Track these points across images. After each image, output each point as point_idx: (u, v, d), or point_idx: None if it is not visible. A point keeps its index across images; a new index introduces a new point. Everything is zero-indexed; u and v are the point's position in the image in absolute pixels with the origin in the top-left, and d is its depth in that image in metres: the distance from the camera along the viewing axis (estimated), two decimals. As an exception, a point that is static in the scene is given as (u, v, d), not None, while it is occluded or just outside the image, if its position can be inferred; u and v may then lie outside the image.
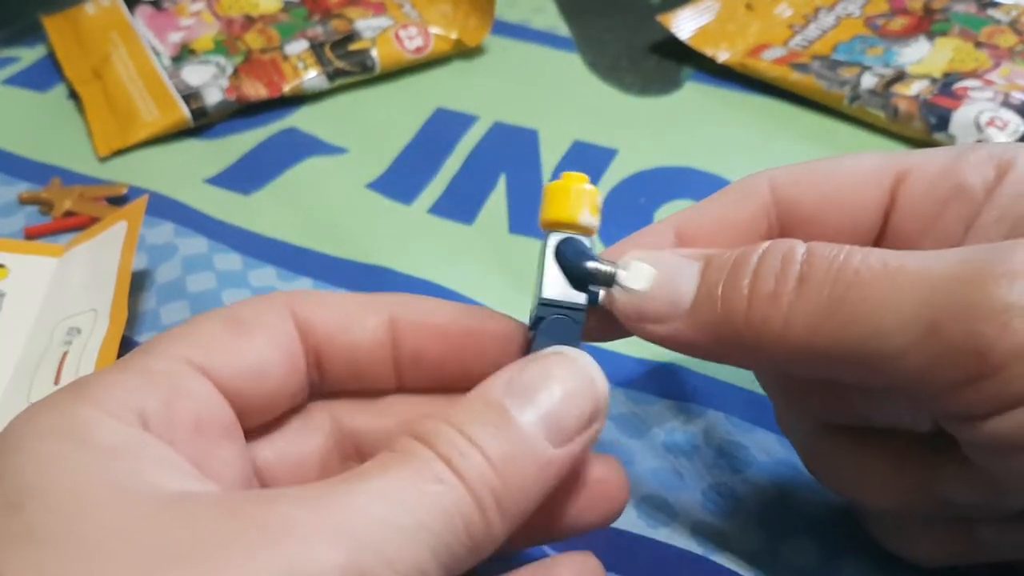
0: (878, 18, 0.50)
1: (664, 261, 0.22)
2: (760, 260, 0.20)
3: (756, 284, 0.20)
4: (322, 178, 0.43)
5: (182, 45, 0.49)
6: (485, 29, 0.50)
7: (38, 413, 0.18)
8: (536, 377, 0.19)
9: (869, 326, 0.19)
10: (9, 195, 0.42)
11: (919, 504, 0.23)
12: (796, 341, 0.20)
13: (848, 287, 0.19)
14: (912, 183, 0.23)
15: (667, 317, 0.21)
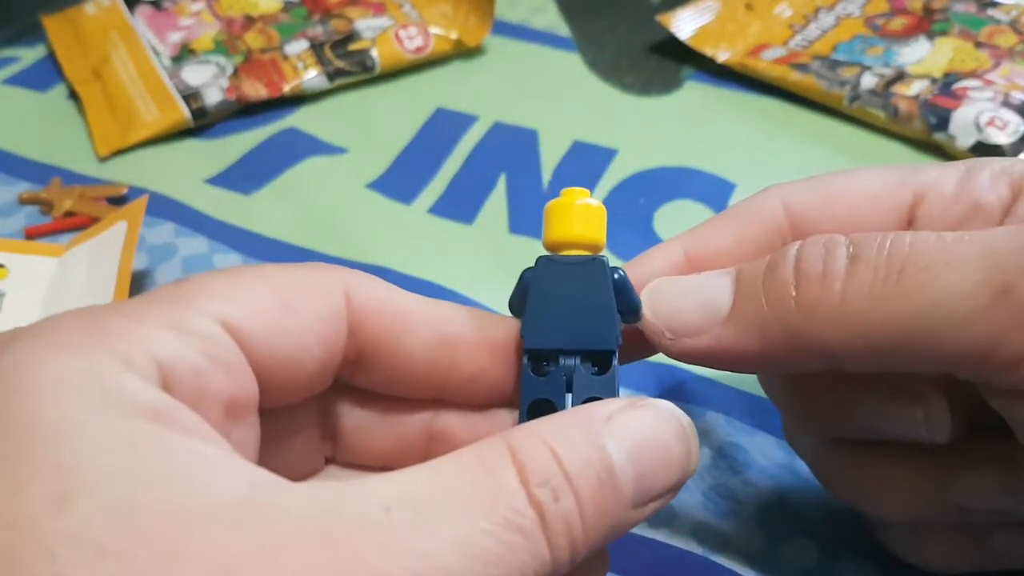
0: (878, 18, 0.50)
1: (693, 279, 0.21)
2: (801, 250, 0.20)
3: (802, 268, 0.20)
4: (322, 178, 0.43)
5: (182, 45, 0.49)
6: (485, 29, 0.50)
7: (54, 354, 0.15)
8: (644, 430, 0.18)
9: (932, 293, 0.18)
10: (9, 195, 0.42)
11: (933, 512, 0.23)
12: (855, 319, 0.19)
13: (905, 259, 0.19)
14: (929, 207, 0.23)
15: (704, 328, 0.21)
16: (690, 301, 0.21)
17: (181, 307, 0.17)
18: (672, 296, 0.21)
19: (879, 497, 0.23)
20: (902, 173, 0.24)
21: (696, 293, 0.21)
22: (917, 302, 0.18)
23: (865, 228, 0.22)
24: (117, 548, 0.13)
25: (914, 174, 0.24)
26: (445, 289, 0.36)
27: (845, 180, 0.24)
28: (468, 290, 0.36)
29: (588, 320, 0.20)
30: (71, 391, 0.14)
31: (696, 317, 0.21)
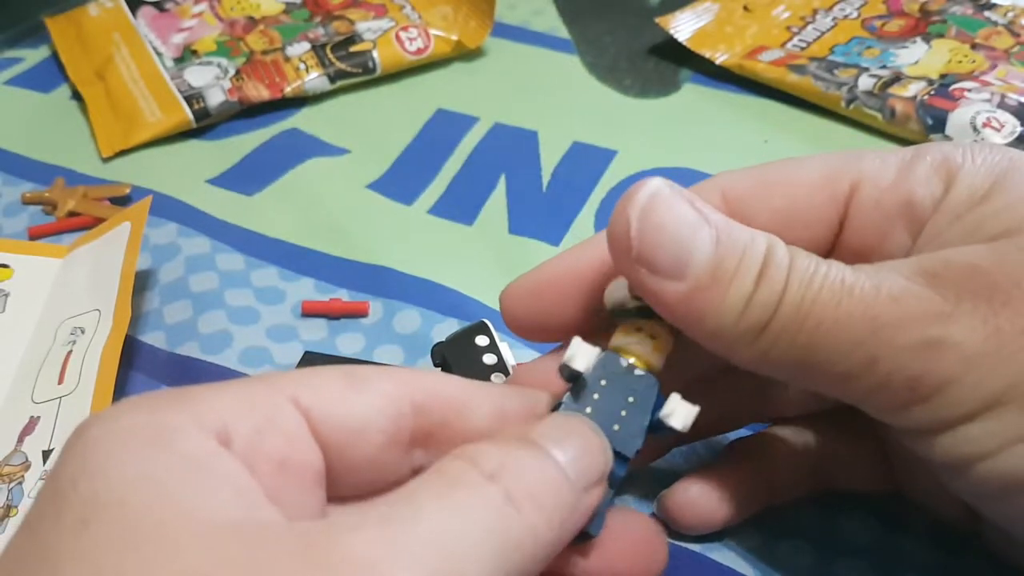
0: (875, 20, 0.50)
1: (686, 215, 0.21)
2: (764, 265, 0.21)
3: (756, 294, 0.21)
4: (323, 179, 0.43)
5: (184, 46, 0.49)
6: (485, 31, 0.50)
7: (129, 411, 0.18)
8: (565, 426, 0.20)
9: (820, 351, 0.20)
10: (13, 195, 0.42)
11: None
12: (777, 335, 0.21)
13: (812, 306, 0.20)
14: (862, 197, 0.24)
15: (668, 275, 0.21)
16: (670, 238, 0.21)
17: (255, 383, 0.20)
18: (660, 221, 0.21)
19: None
20: (844, 161, 0.24)
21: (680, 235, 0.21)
22: (805, 356, 0.21)
23: (800, 220, 0.24)
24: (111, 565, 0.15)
25: (856, 162, 0.24)
26: (446, 289, 0.37)
27: (786, 169, 0.24)
28: (468, 290, 0.37)
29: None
30: (127, 437, 0.17)
31: (666, 259, 0.21)
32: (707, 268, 0.21)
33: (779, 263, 0.21)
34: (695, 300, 0.21)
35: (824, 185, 0.24)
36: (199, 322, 0.35)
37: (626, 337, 0.23)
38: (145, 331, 0.36)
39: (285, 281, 0.38)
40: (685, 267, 0.21)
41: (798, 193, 0.24)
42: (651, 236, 0.21)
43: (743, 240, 0.21)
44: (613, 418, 0.22)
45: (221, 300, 0.36)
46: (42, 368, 0.33)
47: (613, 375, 0.22)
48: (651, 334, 0.23)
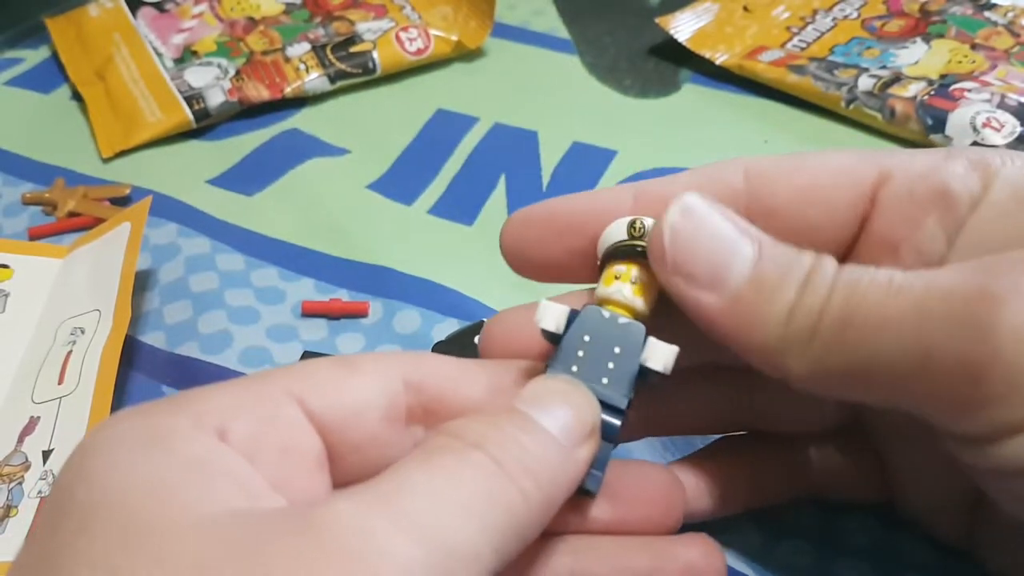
0: (875, 20, 0.50)
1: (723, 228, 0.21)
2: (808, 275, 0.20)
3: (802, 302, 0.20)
4: (324, 179, 0.43)
5: (184, 47, 0.49)
6: (485, 31, 0.50)
7: (126, 419, 0.18)
8: (548, 391, 0.20)
9: (872, 352, 0.19)
10: (13, 196, 0.42)
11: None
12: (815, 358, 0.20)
13: (853, 312, 0.19)
14: (894, 186, 0.23)
15: (707, 286, 0.21)
16: (708, 249, 0.21)
17: (251, 380, 0.20)
18: (696, 232, 0.21)
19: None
20: (872, 153, 0.24)
21: (718, 246, 0.21)
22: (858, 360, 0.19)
23: (822, 201, 0.23)
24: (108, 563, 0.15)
25: (886, 156, 0.23)
26: (446, 289, 0.37)
27: (813, 155, 0.24)
28: (468, 290, 0.37)
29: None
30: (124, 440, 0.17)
31: (705, 269, 0.21)
32: (748, 278, 0.20)
33: (825, 272, 0.20)
34: (737, 311, 0.20)
35: (851, 170, 0.23)
36: (199, 322, 0.35)
37: (606, 288, 0.22)
38: (145, 331, 0.36)
39: (285, 281, 0.38)
40: (724, 277, 0.20)
41: (822, 174, 0.23)
42: (685, 245, 0.21)
43: (788, 254, 0.21)
44: (601, 372, 0.21)
45: (221, 300, 0.36)
46: (42, 368, 0.33)
47: (596, 329, 0.22)
48: (632, 279, 0.22)
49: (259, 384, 0.20)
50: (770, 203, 0.23)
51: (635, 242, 0.22)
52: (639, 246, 0.22)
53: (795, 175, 0.23)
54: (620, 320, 0.22)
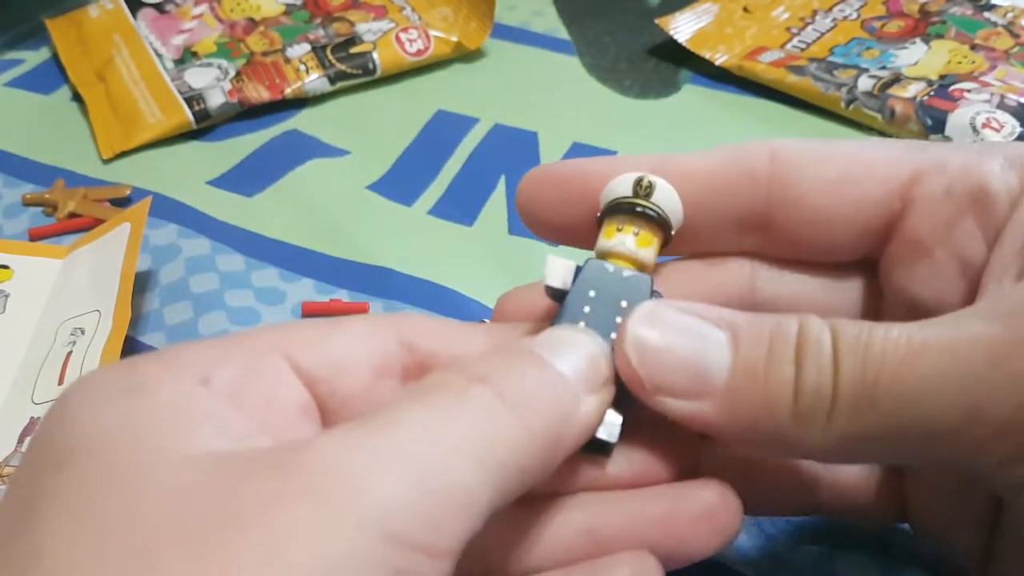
0: (874, 21, 0.50)
1: (688, 326, 0.19)
2: (799, 344, 0.19)
3: (802, 378, 0.18)
4: (324, 180, 0.43)
5: (185, 48, 0.49)
6: (485, 32, 0.50)
7: (107, 369, 0.18)
8: (560, 337, 0.20)
9: (910, 414, 0.18)
10: (13, 197, 0.42)
11: None
12: (839, 431, 0.19)
13: (879, 370, 0.18)
14: (929, 184, 0.21)
15: (694, 394, 0.19)
16: (681, 356, 0.19)
17: (239, 336, 0.20)
18: (662, 343, 0.19)
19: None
20: (908, 148, 0.22)
21: (689, 348, 0.19)
22: (896, 422, 0.18)
23: (853, 196, 0.22)
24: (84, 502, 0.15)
25: (920, 151, 0.22)
26: (445, 289, 0.37)
27: (843, 146, 0.23)
28: (468, 291, 0.37)
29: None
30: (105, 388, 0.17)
31: (685, 378, 0.19)
32: (733, 370, 0.19)
33: (817, 338, 0.19)
34: (735, 408, 0.19)
35: (883, 164, 0.22)
36: (199, 323, 0.35)
37: (609, 241, 0.22)
38: (145, 332, 0.36)
39: (285, 282, 0.38)
40: (706, 378, 0.19)
41: (853, 167, 0.22)
42: (655, 358, 0.19)
43: (766, 326, 0.19)
44: (609, 327, 0.21)
45: (221, 301, 0.36)
46: (42, 369, 0.33)
47: (601, 283, 0.21)
48: (633, 231, 0.22)
49: (244, 338, 0.19)
50: (796, 193, 0.22)
51: (638, 201, 0.22)
52: (642, 205, 0.22)
53: (824, 166, 0.22)
54: (625, 273, 0.21)
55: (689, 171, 0.22)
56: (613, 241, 0.22)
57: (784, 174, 0.22)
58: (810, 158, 0.22)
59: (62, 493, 0.15)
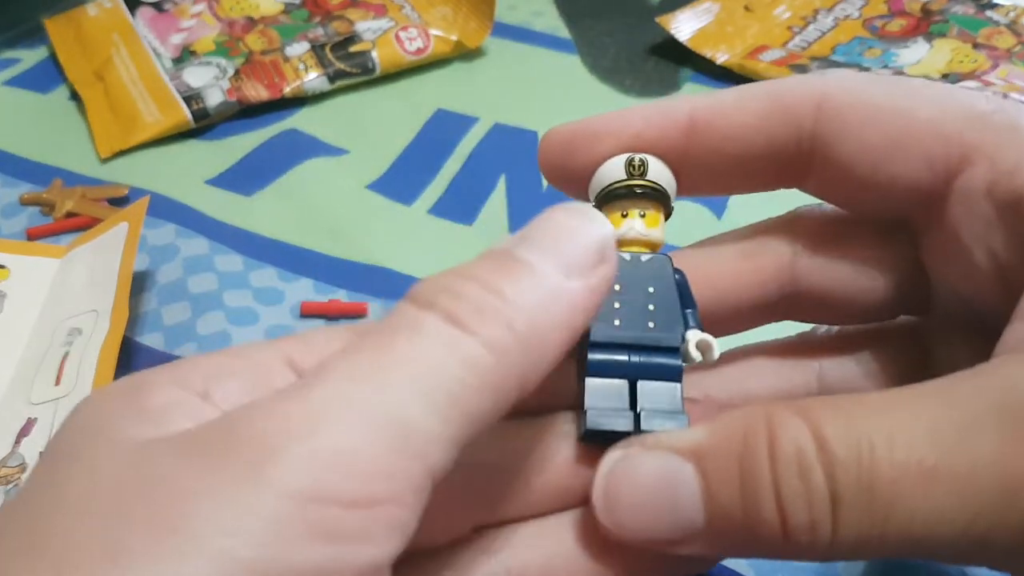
0: (876, 20, 0.50)
1: (656, 470, 0.18)
2: (773, 472, 0.17)
3: (786, 513, 0.17)
4: (323, 179, 0.43)
5: (183, 47, 0.49)
6: (485, 31, 0.50)
7: (114, 384, 0.18)
8: (538, 225, 0.18)
9: (919, 535, 0.16)
10: (11, 196, 0.42)
11: None
12: (843, 555, 0.17)
13: (891, 503, 0.16)
14: (973, 175, 0.19)
15: (680, 541, 0.18)
16: (653, 505, 0.18)
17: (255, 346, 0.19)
18: (631, 496, 0.18)
19: None
20: (970, 117, 0.20)
21: (658, 494, 0.18)
22: (906, 540, 0.16)
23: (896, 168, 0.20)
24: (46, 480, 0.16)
25: (980, 127, 0.19)
26: (445, 289, 0.37)
27: (905, 93, 0.20)
28: (468, 290, 0.37)
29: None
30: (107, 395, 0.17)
31: (665, 529, 0.18)
32: (708, 513, 0.17)
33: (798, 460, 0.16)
34: (722, 544, 0.18)
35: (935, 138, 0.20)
36: (198, 323, 0.35)
37: (617, 230, 0.21)
38: (143, 332, 0.35)
39: (284, 282, 0.37)
40: (686, 526, 0.18)
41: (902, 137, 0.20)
42: (632, 520, 0.18)
43: (733, 450, 0.17)
44: (644, 317, 0.20)
45: (220, 301, 0.36)
46: (39, 369, 0.33)
47: (624, 274, 0.21)
48: (639, 213, 0.21)
49: (254, 350, 0.19)
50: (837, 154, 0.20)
51: (635, 181, 0.21)
52: (640, 186, 0.21)
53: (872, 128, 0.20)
54: (643, 258, 0.21)
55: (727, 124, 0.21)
56: (623, 228, 0.21)
57: (827, 134, 0.20)
58: (859, 116, 0.20)
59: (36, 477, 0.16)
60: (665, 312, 0.21)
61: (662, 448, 0.18)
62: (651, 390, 0.20)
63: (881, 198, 0.21)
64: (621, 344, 0.20)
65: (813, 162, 0.21)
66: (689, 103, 0.22)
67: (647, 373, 0.20)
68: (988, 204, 0.19)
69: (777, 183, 0.23)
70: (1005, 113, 0.19)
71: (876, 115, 0.20)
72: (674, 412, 0.20)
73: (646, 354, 0.20)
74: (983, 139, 0.19)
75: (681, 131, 0.21)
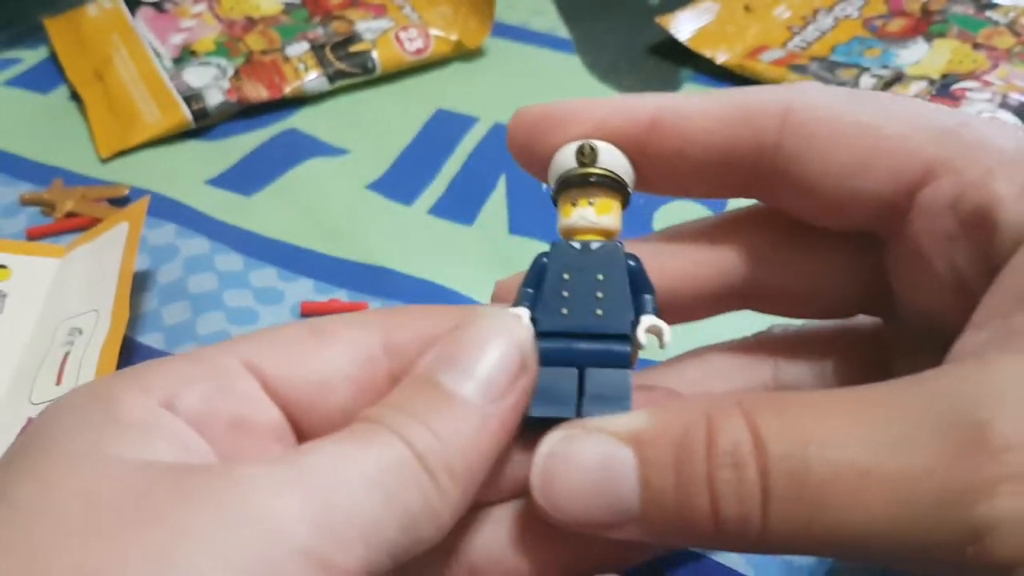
0: (876, 19, 0.50)
1: (596, 453, 0.18)
2: (709, 463, 0.17)
3: (718, 504, 0.17)
4: (323, 179, 0.43)
5: (183, 47, 0.49)
6: (485, 31, 0.50)
7: (79, 389, 0.18)
8: (460, 345, 0.19)
9: (849, 537, 0.16)
10: (11, 196, 0.42)
11: None
12: (775, 548, 0.17)
13: (822, 502, 0.16)
14: (937, 189, 0.19)
15: (612, 524, 0.18)
16: (589, 488, 0.18)
17: (212, 350, 0.19)
18: (569, 478, 0.18)
19: None
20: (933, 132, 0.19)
21: (595, 478, 0.18)
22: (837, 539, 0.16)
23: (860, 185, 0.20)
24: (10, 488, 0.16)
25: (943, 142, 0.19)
26: (445, 289, 0.37)
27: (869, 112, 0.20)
28: (468, 290, 0.37)
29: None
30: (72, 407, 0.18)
31: (601, 512, 0.18)
32: (643, 499, 0.18)
33: (733, 453, 0.17)
34: (656, 531, 0.18)
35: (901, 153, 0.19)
36: (197, 323, 0.35)
37: (567, 219, 0.21)
38: (143, 332, 0.35)
39: (284, 282, 0.38)
40: (622, 510, 0.18)
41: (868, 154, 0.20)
42: (571, 504, 0.18)
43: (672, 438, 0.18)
44: (592, 304, 0.20)
45: (220, 301, 0.36)
46: (40, 369, 0.33)
47: (572, 263, 0.21)
48: (589, 201, 0.21)
49: (213, 354, 0.19)
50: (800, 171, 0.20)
51: (586, 170, 0.21)
52: (591, 174, 0.21)
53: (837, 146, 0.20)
54: (593, 245, 0.21)
55: (689, 127, 0.21)
56: (573, 218, 0.21)
57: (791, 147, 0.20)
58: (824, 133, 0.20)
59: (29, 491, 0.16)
60: (614, 299, 0.20)
61: (602, 432, 0.18)
62: (599, 377, 0.20)
63: (844, 213, 0.21)
64: (570, 333, 0.20)
65: (775, 176, 0.21)
66: (656, 101, 0.21)
67: (595, 360, 0.20)
68: (951, 218, 0.19)
69: (736, 192, 0.23)
70: (972, 128, 0.19)
71: (842, 131, 0.20)
72: (620, 398, 0.20)
73: (594, 341, 0.20)
74: (949, 153, 0.19)
75: (643, 127, 0.21)
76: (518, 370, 0.19)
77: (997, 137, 0.19)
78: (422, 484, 0.17)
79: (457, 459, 0.18)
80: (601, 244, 0.21)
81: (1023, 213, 0.18)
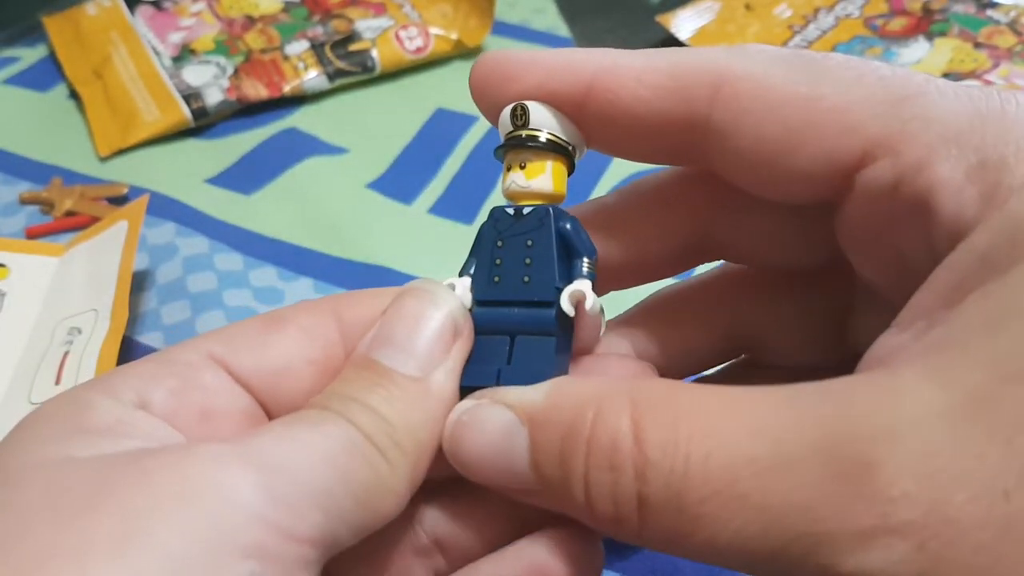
0: (877, 19, 0.50)
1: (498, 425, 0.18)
2: (587, 460, 0.17)
3: (593, 504, 0.17)
4: (322, 178, 0.43)
5: (183, 45, 0.49)
6: (485, 30, 0.50)
7: (53, 400, 0.19)
8: (392, 323, 0.20)
9: (724, 553, 0.16)
10: (10, 195, 0.42)
11: None
12: (655, 548, 0.17)
13: (697, 516, 0.16)
14: (876, 171, 0.18)
15: (524, 492, 0.18)
16: (492, 455, 0.19)
17: (176, 348, 0.20)
18: (473, 444, 0.19)
19: None
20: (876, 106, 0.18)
21: (497, 447, 0.18)
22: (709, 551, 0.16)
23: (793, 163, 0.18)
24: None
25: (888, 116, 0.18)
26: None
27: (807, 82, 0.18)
28: (468, 290, 0.37)
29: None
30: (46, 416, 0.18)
31: (505, 479, 0.19)
32: (534, 474, 0.18)
33: (612, 446, 0.16)
34: (550, 503, 0.18)
35: (839, 130, 0.18)
36: (197, 322, 0.35)
37: (504, 185, 0.21)
38: (143, 332, 0.35)
39: (284, 281, 0.37)
40: (520, 478, 0.18)
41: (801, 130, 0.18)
42: (477, 468, 0.19)
43: (561, 422, 0.17)
44: (520, 272, 0.20)
45: (219, 300, 0.36)
46: (39, 368, 0.33)
47: (504, 229, 0.21)
48: (521, 165, 0.21)
49: (178, 352, 0.20)
50: (731, 145, 0.19)
51: (519, 132, 0.21)
52: (523, 135, 0.21)
53: (768, 120, 0.18)
54: (524, 210, 0.21)
55: (623, 94, 0.20)
56: (506, 183, 0.21)
57: (721, 121, 0.19)
58: (756, 107, 0.19)
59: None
60: (540, 265, 0.20)
61: (504, 404, 0.19)
62: (525, 345, 0.20)
63: (778, 189, 0.19)
64: (502, 301, 0.20)
65: (708, 148, 0.20)
66: (597, 61, 0.20)
67: (524, 328, 0.20)
68: (892, 202, 0.17)
69: (676, 160, 0.22)
70: (917, 100, 0.17)
71: (775, 105, 0.18)
72: (540, 367, 0.20)
73: (523, 308, 0.20)
74: (888, 132, 0.17)
75: (581, 89, 0.20)
76: (450, 339, 0.20)
77: (945, 110, 0.17)
78: (372, 461, 0.18)
79: (403, 434, 0.18)
80: (532, 208, 0.20)
81: (962, 204, 0.16)
